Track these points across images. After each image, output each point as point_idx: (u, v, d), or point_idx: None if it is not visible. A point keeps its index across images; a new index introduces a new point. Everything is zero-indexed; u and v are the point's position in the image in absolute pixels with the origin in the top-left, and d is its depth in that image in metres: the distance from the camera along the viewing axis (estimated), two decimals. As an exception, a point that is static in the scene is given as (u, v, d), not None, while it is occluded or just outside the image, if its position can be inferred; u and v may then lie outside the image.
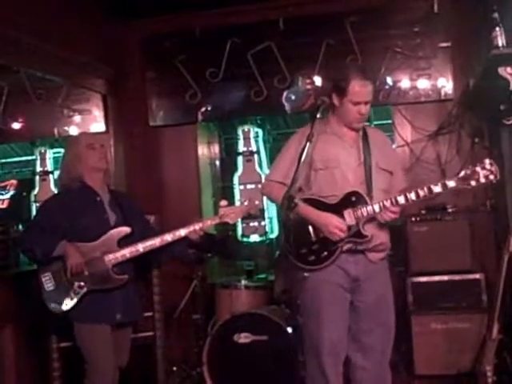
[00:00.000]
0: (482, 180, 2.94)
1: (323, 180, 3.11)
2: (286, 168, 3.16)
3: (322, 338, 3.07)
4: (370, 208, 3.01)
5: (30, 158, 6.48)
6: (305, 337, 3.21)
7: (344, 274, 3.10)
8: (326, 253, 3.06)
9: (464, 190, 3.02)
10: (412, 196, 2.98)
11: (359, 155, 3.15)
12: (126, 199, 3.63)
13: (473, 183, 2.95)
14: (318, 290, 3.07)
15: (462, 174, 2.96)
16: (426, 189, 2.98)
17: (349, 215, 3.03)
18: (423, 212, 4.57)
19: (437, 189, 2.98)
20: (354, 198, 3.05)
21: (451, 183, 2.97)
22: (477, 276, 4.36)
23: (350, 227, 3.03)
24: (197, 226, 3.39)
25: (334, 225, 3.02)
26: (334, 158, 3.11)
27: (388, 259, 3.27)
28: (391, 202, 2.99)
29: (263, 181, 3.49)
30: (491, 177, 2.93)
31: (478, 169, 2.94)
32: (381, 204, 3.00)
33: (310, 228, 3.08)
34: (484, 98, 4.17)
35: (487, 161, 2.96)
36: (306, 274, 3.05)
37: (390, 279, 3.26)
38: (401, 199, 2.99)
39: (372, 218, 3.07)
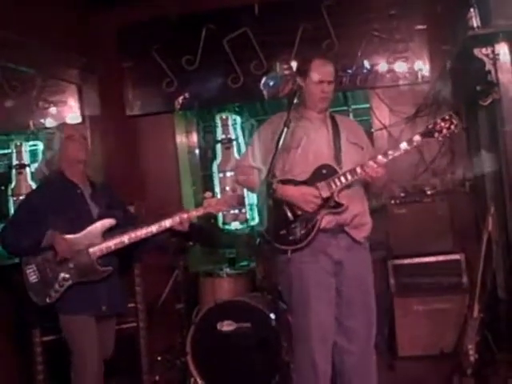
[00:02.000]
0: (445, 131, 3.02)
1: (295, 159, 3.14)
2: (257, 153, 3.21)
3: (311, 324, 3.09)
4: (341, 177, 3.05)
5: (5, 151, 6.39)
6: (291, 322, 3.22)
7: (327, 258, 3.12)
8: (304, 230, 3.08)
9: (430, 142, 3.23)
10: (380, 157, 3.03)
11: (328, 132, 3.21)
12: (108, 190, 3.60)
13: (436, 135, 3.03)
14: (302, 273, 3.08)
15: (425, 128, 3.05)
16: (394, 149, 3.04)
17: (322, 187, 3.07)
18: (403, 195, 4.60)
19: (403, 145, 3.05)
20: (324, 171, 3.10)
21: (416, 137, 3.04)
22: (457, 257, 4.41)
23: (325, 199, 3.06)
24: (182, 217, 3.39)
25: (308, 193, 3.06)
26: (303, 137, 3.15)
27: (368, 242, 3.28)
28: (361, 167, 3.03)
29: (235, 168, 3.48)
30: (452, 127, 3.02)
31: (439, 121, 3.04)
32: (351, 171, 3.04)
33: (286, 208, 3.10)
34: (461, 80, 4.20)
35: (447, 113, 3.06)
36: (288, 255, 3.07)
37: (371, 262, 3.29)
38: (370, 163, 3.03)
39: (346, 191, 3.09)
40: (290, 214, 3.09)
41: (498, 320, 4.04)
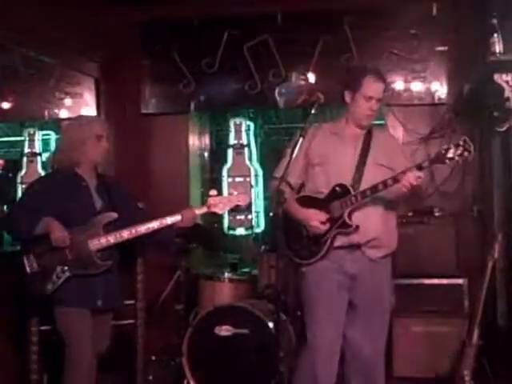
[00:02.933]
0: (457, 158, 2.92)
1: (318, 176, 3.16)
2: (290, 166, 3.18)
3: (317, 338, 3.09)
4: (352, 197, 3.03)
5: (18, 138, 6.42)
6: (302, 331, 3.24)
7: (341, 272, 3.12)
8: (315, 247, 3.08)
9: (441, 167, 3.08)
10: (389, 181, 2.99)
11: (355, 151, 3.17)
12: (115, 184, 3.58)
13: (447, 161, 2.93)
14: (315, 287, 3.08)
15: (438, 152, 2.97)
16: (401, 172, 2.99)
17: (334, 207, 3.07)
18: (410, 214, 4.59)
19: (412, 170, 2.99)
20: (339, 190, 3.09)
21: (426, 163, 2.99)
22: (460, 281, 4.38)
23: (335, 218, 3.05)
24: (178, 216, 3.38)
25: (312, 218, 3.06)
26: (329, 154, 3.14)
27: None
28: (371, 190, 3.00)
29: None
30: (465, 153, 2.90)
31: (452, 146, 2.93)
32: (361, 191, 3.03)
33: (300, 223, 3.12)
34: (478, 104, 4.19)
35: (462, 138, 2.96)
36: (303, 270, 3.10)
37: (389, 277, 3.29)
38: (380, 186, 3.00)
39: (361, 211, 3.08)
40: (303, 230, 3.12)
41: (496, 347, 4.02)
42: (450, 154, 2.90)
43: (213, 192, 3.47)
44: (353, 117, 3.19)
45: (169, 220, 3.36)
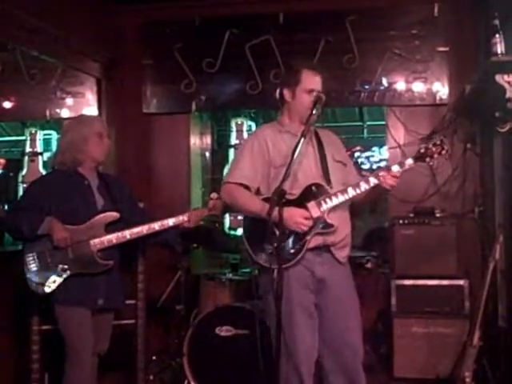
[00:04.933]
0: (436, 155, 3.02)
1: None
2: (247, 169, 3.12)
3: (296, 339, 3.02)
4: (334, 198, 3.00)
5: (19, 138, 6.43)
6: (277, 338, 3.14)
7: (310, 275, 3.05)
8: (292, 250, 3.01)
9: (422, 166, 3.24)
10: (372, 179, 3.00)
11: (314, 150, 3.15)
12: (116, 183, 3.59)
13: (427, 160, 3.03)
14: (287, 292, 2.86)
15: (417, 152, 3.04)
16: (385, 169, 3.02)
17: (312, 207, 3.01)
18: (411, 215, 4.59)
19: (395, 167, 3.01)
20: (314, 190, 3.04)
21: (408, 161, 3.03)
22: (461, 282, 4.37)
23: (315, 219, 3.00)
24: (185, 217, 3.39)
25: (297, 215, 2.96)
26: (290, 154, 2.96)
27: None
28: (353, 189, 3.00)
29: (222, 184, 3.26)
30: (443, 152, 3.03)
31: (430, 145, 3.03)
32: (342, 191, 3.01)
33: (274, 226, 2.88)
34: (479, 105, 4.18)
35: (438, 138, 3.08)
36: (274, 276, 2.83)
37: (353, 282, 3.23)
38: (363, 185, 3.00)
39: (335, 212, 3.04)
40: (277, 233, 2.89)
41: (496, 349, 4.02)
42: (428, 152, 3.01)
43: (213, 195, 3.48)
44: (297, 113, 3.14)
45: (170, 222, 3.38)
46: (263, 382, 3.16)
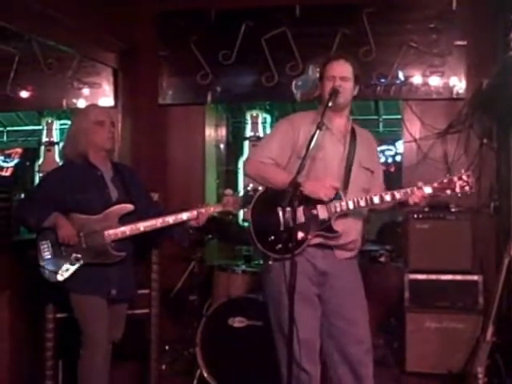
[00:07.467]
0: (458, 190, 2.95)
1: (306, 170, 2.97)
2: (276, 149, 3.11)
3: (299, 331, 3.01)
4: (343, 204, 2.98)
5: (36, 127, 6.47)
6: (276, 329, 3.11)
7: (312, 268, 3.04)
8: (292, 244, 3.00)
9: (439, 197, 3.03)
10: (387, 197, 2.97)
11: (344, 151, 3.10)
12: (130, 174, 3.59)
13: (448, 192, 2.97)
14: (284, 280, 2.77)
15: (440, 181, 2.97)
16: (402, 192, 2.97)
17: (322, 208, 2.99)
18: (426, 209, 4.56)
19: (428, 189, 2.96)
20: None
21: (428, 189, 2.97)
22: (475, 277, 4.35)
23: (320, 220, 2.99)
24: (200, 212, 3.40)
25: (327, 181, 2.96)
26: (319, 149, 3.02)
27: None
28: (365, 202, 2.97)
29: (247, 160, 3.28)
30: (466, 188, 2.95)
31: (455, 179, 2.96)
32: (355, 200, 2.97)
33: (281, 216, 2.97)
34: (496, 99, 4.15)
35: (465, 172, 2.99)
36: (270, 262, 2.98)
37: (360, 276, 3.20)
38: (376, 199, 2.97)
39: (345, 215, 3.02)
40: (282, 223, 2.94)
41: (510, 345, 4.00)
42: (450, 189, 2.95)
43: (228, 191, 3.48)
44: (324, 101, 3.06)
45: (184, 216, 3.38)
46: (275, 373, 3.16)
